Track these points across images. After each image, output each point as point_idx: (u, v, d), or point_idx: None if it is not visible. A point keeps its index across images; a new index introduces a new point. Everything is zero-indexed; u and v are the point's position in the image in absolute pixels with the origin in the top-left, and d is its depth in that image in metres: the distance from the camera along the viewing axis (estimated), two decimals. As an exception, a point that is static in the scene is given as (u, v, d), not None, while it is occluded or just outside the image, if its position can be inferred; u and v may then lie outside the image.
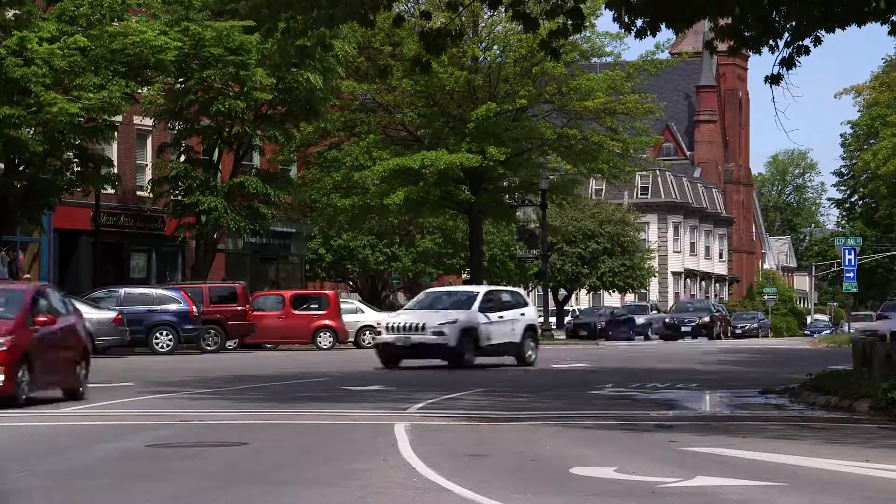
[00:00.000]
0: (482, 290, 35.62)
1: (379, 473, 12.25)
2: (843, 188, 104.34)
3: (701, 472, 12.11)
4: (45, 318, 20.48)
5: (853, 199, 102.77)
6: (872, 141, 75.75)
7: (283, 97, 49.85)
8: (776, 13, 19.55)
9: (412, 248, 69.55)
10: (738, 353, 45.57)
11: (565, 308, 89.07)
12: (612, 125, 59.24)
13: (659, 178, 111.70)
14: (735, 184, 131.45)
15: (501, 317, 33.85)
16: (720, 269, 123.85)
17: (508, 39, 56.84)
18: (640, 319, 73.91)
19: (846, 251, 66.82)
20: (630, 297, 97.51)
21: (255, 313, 46.55)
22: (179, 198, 50.16)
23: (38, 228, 48.04)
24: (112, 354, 40.92)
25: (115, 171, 47.43)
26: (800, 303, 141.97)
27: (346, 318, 49.51)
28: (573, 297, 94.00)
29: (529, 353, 34.35)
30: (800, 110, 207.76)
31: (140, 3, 43.35)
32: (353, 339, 50.33)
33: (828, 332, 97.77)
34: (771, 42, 19.82)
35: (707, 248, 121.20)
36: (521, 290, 42.54)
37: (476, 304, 33.49)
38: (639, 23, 19.21)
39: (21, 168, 42.50)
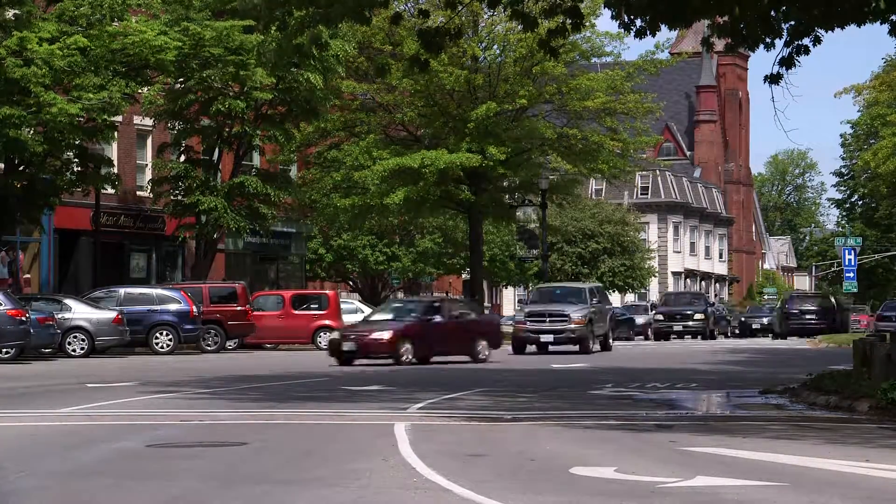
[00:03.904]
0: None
1: (379, 473, 12.25)
2: (843, 188, 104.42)
3: (701, 472, 12.11)
4: None
5: (853, 199, 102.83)
6: (872, 141, 75.76)
7: (283, 97, 49.88)
8: (775, 12, 19.55)
9: (412, 248, 69.56)
10: (738, 353, 45.58)
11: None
12: (612, 125, 59.24)
13: (659, 178, 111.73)
14: (735, 184, 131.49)
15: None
16: (720, 269, 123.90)
17: (508, 39, 56.86)
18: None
19: (846, 251, 66.89)
20: (630, 297, 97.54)
21: (255, 313, 46.56)
22: (179, 198, 50.17)
23: (38, 228, 48.06)
24: (112, 354, 40.96)
25: (115, 171, 47.45)
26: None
27: (345, 318, 49.51)
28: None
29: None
30: (800, 110, 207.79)
31: (140, 3, 43.37)
32: (353, 339, 50.27)
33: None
34: (769, 41, 19.83)
35: (707, 248, 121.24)
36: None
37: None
38: (638, 22, 19.22)
39: (21, 168, 42.53)
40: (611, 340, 45.82)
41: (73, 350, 39.76)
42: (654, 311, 72.84)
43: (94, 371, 31.00)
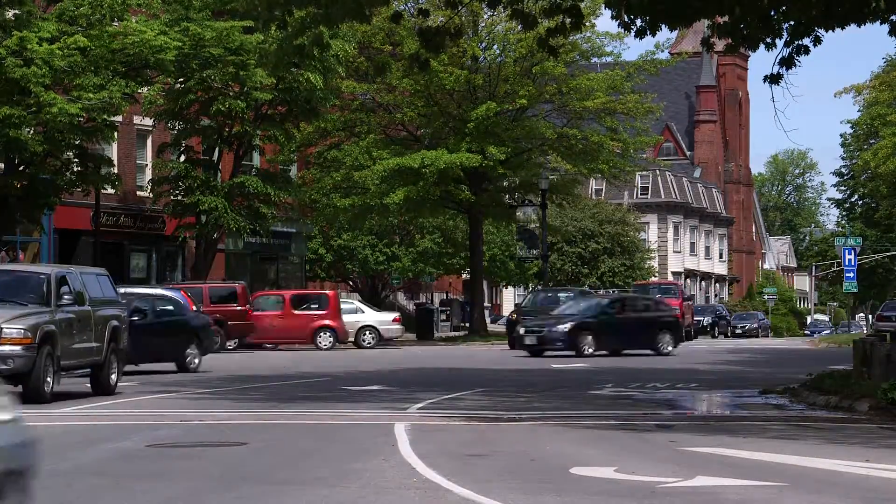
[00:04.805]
0: None
1: (379, 473, 12.25)
2: (843, 188, 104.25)
3: (701, 472, 12.11)
4: None
5: (853, 199, 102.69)
6: (872, 140, 75.65)
7: (283, 97, 49.85)
8: (775, 12, 19.55)
9: (412, 248, 69.56)
10: (738, 353, 45.57)
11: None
12: (612, 125, 59.23)
13: (659, 178, 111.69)
14: (735, 184, 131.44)
15: None
16: (720, 269, 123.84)
17: (508, 39, 56.87)
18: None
19: (846, 251, 66.81)
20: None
21: (255, 313, 46.54)
22: (179, 198, 50.15)
23: (38, 228, 48.01)
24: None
25: (115, 171, 47.41)
26: (800, 303, 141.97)
27: (346, 318, 49.48)
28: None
29: None
30: (800, 110, 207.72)
31: (140, 3, 43.34)
32: (353, 339, 50.32)
33: (828, 332, 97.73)
34: (769, 41, 19.84)
35: (707, 248, 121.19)
36: None
37: None
38: (638, 22, 19.22)
39: (21, 168, 42.49)
40: (113, 376, 23.06)
41: (73, 350, 39.63)
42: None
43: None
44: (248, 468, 12.86)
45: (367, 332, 50.77)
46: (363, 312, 51.99)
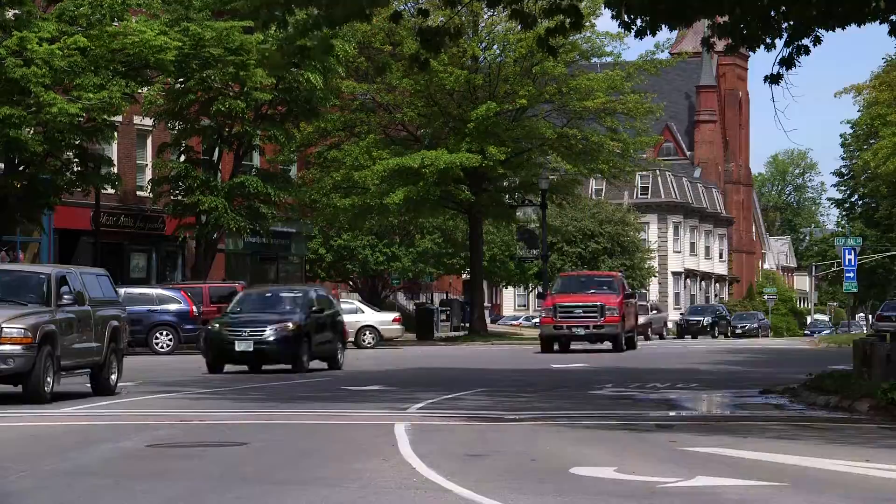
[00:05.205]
0: None
1: (379, 473, 12.25)
2: (843, 188, 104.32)
3: (701, 472, 12.11)
4: None
5: (853, 199, 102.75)
6: (872, 140, 75.67)
7: (283, 97, 49.88)
8: (775, 12, 19.56)
9: (412, 248, 69.57)
10: (738, 353, 45.56)
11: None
12: (612, 125, 59.24)
13: (659, 178, 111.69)
14: (735, 184, 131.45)
15: None
16: (720, 269, 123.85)
17: (508, 39, 56.88)
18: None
19: (846, 251, 66.72)
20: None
21: (255, 313, 46.46)
22: (179, 198, 50.17)
23: (38, 228, 48.04)
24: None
25: (115, 170, 47.43)
26: (800, 303, 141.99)
27: (346, 318, 49.39)
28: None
29: None
30: (800, 110, 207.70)
31: (140, 3, 43.37)
32: (353, 339, 50.29)
33: (828, 332, 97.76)
34: (769, 41, 19.85)
35: (707, 248, 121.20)
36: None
37: None
38: (638, 22, 19.23)
39: (21, 168, 42.52)
40: (113, 376, 22.87)
41: (73, 350, 39.61)
42: None
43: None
44: (248, 468, 12.86)
45: (368, 332, 50.78)
46: (363, 312, 52.00)
